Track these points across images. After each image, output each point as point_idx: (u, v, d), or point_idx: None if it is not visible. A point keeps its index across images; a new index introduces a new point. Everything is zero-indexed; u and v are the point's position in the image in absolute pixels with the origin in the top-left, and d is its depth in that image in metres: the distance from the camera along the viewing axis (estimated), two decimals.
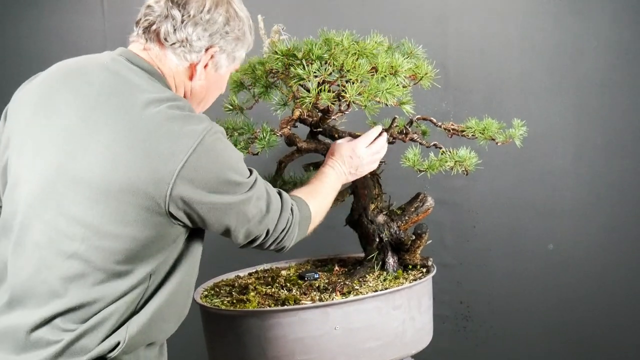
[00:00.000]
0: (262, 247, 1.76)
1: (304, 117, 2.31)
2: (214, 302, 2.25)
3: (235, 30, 1.66)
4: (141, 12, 1.63)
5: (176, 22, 1.58)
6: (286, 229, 1.75)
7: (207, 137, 1.49)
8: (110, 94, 1.51)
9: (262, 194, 1.65)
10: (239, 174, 1.57)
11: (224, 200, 1.54)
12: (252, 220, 1.64)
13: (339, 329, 2.10)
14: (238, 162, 1.58)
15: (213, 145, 1.49)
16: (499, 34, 3.23)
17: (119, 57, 1.61)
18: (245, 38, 1.71)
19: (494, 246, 3.33)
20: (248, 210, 1.61)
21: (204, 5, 1.60)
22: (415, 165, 2.27)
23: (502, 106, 3.21)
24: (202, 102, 1.76)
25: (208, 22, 1.61)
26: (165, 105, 1.49)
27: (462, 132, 2.38)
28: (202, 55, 1.63)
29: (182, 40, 1.60)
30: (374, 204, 2.42)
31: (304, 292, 2.27)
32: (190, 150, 1.45)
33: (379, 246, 2.39)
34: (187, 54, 1.61)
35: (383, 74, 2.11)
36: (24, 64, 3.12)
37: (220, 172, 1.51)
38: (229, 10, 1.65)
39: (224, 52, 1.66)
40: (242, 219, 1.61)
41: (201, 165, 1.46)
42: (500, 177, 3.28)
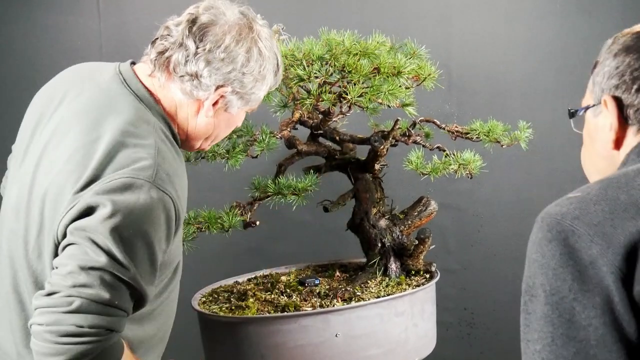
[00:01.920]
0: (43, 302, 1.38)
1: (304, 119, 2.31)
2: (212, 308, 2.25)
3: (255, 72, 1.56)
4: (160, 31, 1.56)
5: (189, 54, 1.50)
6: (87, 329, 1.33)
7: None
8: (87, 111, 1.49)
9: (122, 291, 1.36)
10: (121, 252, 1.33)
11: (86, 225, 1.34)
12: (86, 277, 1.33)
13: (340, 336, 2.10)
14: (136, 239, 1.37)
15: (129, 203, 1.35)
16: (504, 33, 3.24)
17: (117, 75, 1.56)
18: (267, 79, 1.60)
19: (499, 251, 3.32)
20: (91, 262, 1.33)
21: (223, 40, 1.51)
22: (418, 168, 2.27)
23: (507, 108, 3.21)
24: (210, 139, 1.68)
25: (223, 60, 1.51)
26: (124, 146, 1.42)
27: (466, 134, 2.38)
28: (211, 94, 1.54)
29: (191, 74, 1.51)
30: (376, 208, 2.42)
31: (304, 298, 2.27)
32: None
33: (381, 251, 2.39)
34: (194, 89, 1.53)
35: (385, 74, 2.12)
36: (18, 64, 3.13)
37: (111, 226, 1.33)
38: (251, 49, 1.54)
39: (237, 93, 1.57)
40: (82, 259, 1.33)
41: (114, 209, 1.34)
42: (505, 181, 3.28)
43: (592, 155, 1.29)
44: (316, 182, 2.26)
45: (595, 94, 1.25)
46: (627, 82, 1.18)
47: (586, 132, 1.31)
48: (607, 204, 1.04)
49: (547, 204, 1.19)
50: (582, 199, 1.07)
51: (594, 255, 0.99)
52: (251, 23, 1.56)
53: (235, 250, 3.15)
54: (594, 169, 1.31)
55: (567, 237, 1.02)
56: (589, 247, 1.00)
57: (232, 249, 3.11)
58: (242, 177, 2.33)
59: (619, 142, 1.21)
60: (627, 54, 1.20)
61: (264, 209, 2.33)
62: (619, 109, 1.20)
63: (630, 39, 1.21)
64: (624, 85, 1.19)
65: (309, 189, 2.23)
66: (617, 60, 1.21)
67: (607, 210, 1.03)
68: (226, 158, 2.18)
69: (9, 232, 1.53)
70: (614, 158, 1.23)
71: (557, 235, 1.03)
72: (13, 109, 2.82)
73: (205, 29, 1.51)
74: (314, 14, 3.19)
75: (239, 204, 2.26)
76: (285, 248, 3.20)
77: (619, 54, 1.21)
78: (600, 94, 1.23)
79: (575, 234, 1.02)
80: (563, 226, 1.04)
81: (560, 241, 1.03)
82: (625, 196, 1.04)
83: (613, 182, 1.09)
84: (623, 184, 1.07)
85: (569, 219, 1.04)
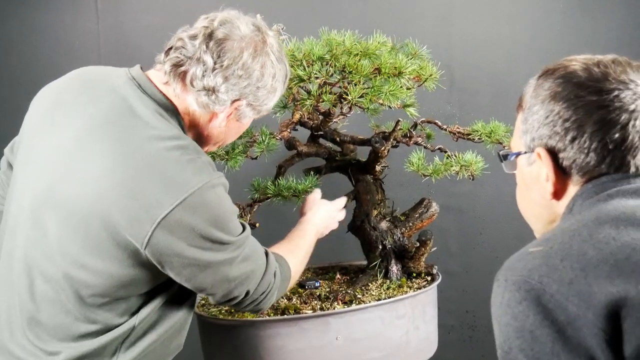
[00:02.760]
0: (239, 306, 1.68)
1: (304, 120, 2.31)
2: (211, 311, 2.25)
3: (268, 85, 1.61)
4: (173, 40, 1.57)
5: (206, 69, 1.52)
6: (266, 293, 1.68)
7: (200, 191, 1.45)
8: (112, 121, 1.50)
9: (248, 255, 1.59)
10: (226, 232, 1.51)
11: (203, 257, 1.49)
12: (233, 282, 1.58)
13: (340, 339, 2.10)
14: (229, 220, 1.53)
15: (204, 200, 1.45)
16: (506, 33, 3.24)
17: (131, 81, 1.57)
18: (278, 90, 1.66)
19: (501, 253, 3.32)
20: (230, 271, 1.56)
21: (241, 57, 1.54)
22: (420, 170, 2.27)
23: (509, 108, 3.18)
24: (218, 144, 1.74)
25: (241, 77, 1.55)
26: (165, 144, 1.46)
27: (468, 135, 2.38)
28: (227, 107, 1.58)
29: (208, 88, 1.54)
30: (377, 210, 2.42)
31: (305, 301, 2.27)
32: (177, 201, 1.42)
33: (382, 253, 2.39)
34: (210, 102, 1.56)
35: (386, 75, 2.12)
36: (15, 65, 3.13)
37: (205, 228, 1.46)
38: (265, 64, 1.59)
39: (251, 105, 1.62)
40: (220, 278, 1.55)
41: (185, 218, 1.43)
42: (507, 182, 3.26)
43: (529, 201, 1.27)
44: (316, 183, 2.26)
45: (526, 142, 1.22)
46: (560, 132, 1.14)
47: (520, 178, 1.28)
48: (575, 259, 1.00)
49: None
50: (546, 254, 1.03)
51: (572, 316, 0.95)
52: (265, 37, 1.60)
53: None
54: (532, 214, 1.29)
55: (538, 296, 0.98)
56: (565, 307, 0.96)
57: None
58: (242, 179, 2.33)
59: (558, 193, 1.19)
60: (555, 102, 1.15)
61: (263, 211, 2.33)
62: (554, 160, 1.17)
63: (557, 85, 1.17)
64: (557, 136, 1.15)
65: (309, 190, 2.23)
66: (545, 109, 1.17)
67: (577, 267, 0.99)
68: (225, 159, 2.18)
69: (26, 239, 1.52)
70: (553, 207, 1.21)
71: (527, 294, 0.99)
72: (11, 109, 2.83)
73: (222, 45, 1.53)
74: (314, 14, 3.20)
75: (239, 205, 2.26)
76: None
77: (547, 102, 1.17)
78: (531, 143, 1.20)
79: (547, 292, 0.98)
80: (532, 284, 0.99)
81: (531, 301, 0.98)
82: (593, 251, 1.00)
83: (575, 234, 1.05)
84: (587, 237, 1.03)
85: (537, 276, 1.00)
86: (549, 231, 1.14)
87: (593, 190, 1.14)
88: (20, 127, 1.68)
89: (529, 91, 1.23)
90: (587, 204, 1.13)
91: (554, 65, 1.21)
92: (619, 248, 1.00)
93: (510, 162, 1.29)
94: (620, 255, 0.99)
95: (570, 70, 1.17)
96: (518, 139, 1.25)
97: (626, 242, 1.01)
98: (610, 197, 1.11)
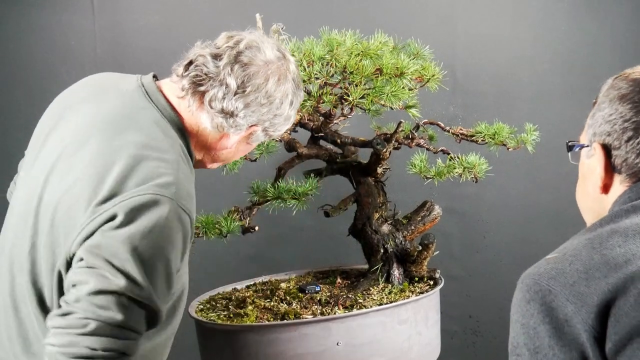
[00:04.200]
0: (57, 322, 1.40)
1: (304, 122, 2.32)
2: (209, 316, 2.25)
3: (285, 113, 1.62)
4: (192, 54, 1.56)
5: (228, 92, 1.53)
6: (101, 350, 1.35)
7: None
8: (108, 122, 1.51)
9: (137, 313, 1.38)
10: (140, 273, 1.35)
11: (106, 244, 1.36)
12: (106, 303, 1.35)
13: (341, 345, 2.10)
14: (159, 258, 1.39)
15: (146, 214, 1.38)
16: (510, 33, 3.24)
17: (140, 88, 1.58)
18: (292, 117, 1.66)
19: (504, 257, 3.33)
20: (112, 287, 1.35)
21: (265, 85, 1.55)
22: (422, 172, 2.28)
23: (513, 110, 3.21)
24: (223, 162, 1.76)
25: (263, 105, 1.56)
26: (147, 152, 1.44)
27: (471, 137, 2.38)
28: (242, 132, 1.59)
29: (227, 112, 1.54)
30: (379, 213, 2.42)
31: (305, 305, 2.27)
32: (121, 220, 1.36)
33: (384, 257, 2.39)
34: (226, 126, 1.56)
35: (388, 75, 2.12)
36: (10, 64, 3.13)
37: (132, 247, 1.35)
38: (286, 93, 1.60)
39: (265, 131, 1.63)
40: (99, 281, 1.35)
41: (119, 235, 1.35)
42: (511, 185, 3.28)
43: (584, 193, 1.36)
44: (317, 186, 2.26)
45: (588, 136, 1.32)
46: (618, 131, 1.24)
47: (580, 169, 1.38)
48: (581, 264, 1.12)
49: (555, 209, 1.23)
50: (558, 260, 1.15)
51: (569, 314, 1.07)
52: (288, 64, 1.61)
53: (234, 256, 3.15)
54: (585, 206, 1.38)
55: (544, 296, 1.10)
56: (565, 306, 1.08)
57: (231, 255, 3.12)
58: (241, 181, 2.33)
59: (606, 187, 1.28)
60: (621, 102, 1.24)
61: (263, 214, 2.33)
62: (607, 156, 1.26)
63: (627, 87, 1.25)
64: (615, 134, 1.24)
65: (309, 193, 2.23)
66: (611, 108, 1.25)
67: (581, 270, 1.10)
68: None
69: (14, 237, 1.54)
70: (603, 202, 1.29)
71: (535, 295, 1.11)
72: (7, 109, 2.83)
73: (247, 70, 1.53)
74: (315, 13, 3.20)
75: (238, 208, 2.26)
76: (285, 254, 3.21)
77: (614, 102, 1.25)
78: (592, 137, 1.30)
79: (551, 293, 1.10)
80: (540, 286, 1.11)
81: (537, 300, 1.11)
82: (598, 256, 1.12)
83: (588, 243, 1.16)
84: (597, 245, 1.14)
85: (546, 279, 1.12)
86: (570, 239, 1.24)
87: (628, 195, 1.23)
88: (17, 126, 1.69)
89: (603, 89, 1.31)
90: (613, 214, 1.22)
91: (632, 69, 1.29)
92: (622, 254, 1.11)
93: (575, 154, 1.39)
94: (620, 259, 1.10)
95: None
96: (585, 134, 1.35)
97: (630, 249, 1.11)
98: (633, 209, 1.20)
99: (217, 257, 3.01)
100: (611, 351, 1.04)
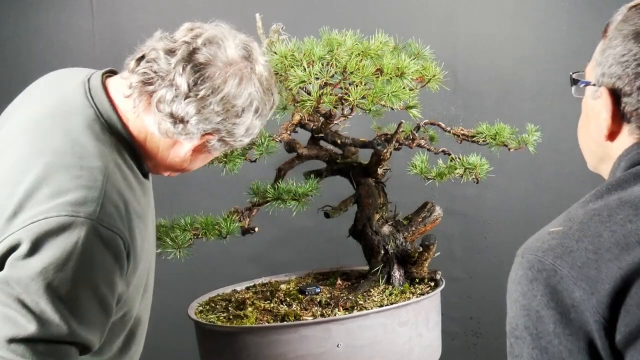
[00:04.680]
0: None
1: (304, 122, 2.32)
2: (209, 317, 2.25)
3: (248, 121, 1.44)
4: (146, 48, 1.42)
5: (178, 94, 1.36)
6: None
7: (47, 222, 1.22)
8: (38, 121, 1.39)
9: (61, 352, 1.25)
10: (57, 311, 1.21)
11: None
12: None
13: (341, 347, 2.09)
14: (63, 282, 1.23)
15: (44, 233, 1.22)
16: (512, 33, 3.24)
17: (84, 85, 1.43)
18: (259, 127, 1.49)
19: (506, 258, 3.31)
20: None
21: (221, 89, 1.37)
22: (423, 173, 2.28)
23: (514, 110, 3.21)
24: (180, 171, 1.57)
25: (217, 112, 1.38)
26: (66, 159, 1.29)
27: (472, 137, 2.38)
28: (194, 140, 1.42)
29: (176, 116, 1.37)
30: (379, 214, 2.42)
31: (305, 307, 2.27)
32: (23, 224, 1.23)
33: (384, 258, 2.39)
34: (175, 132, 1.39)
35: (388, 76, 2.12)
36: (9, 64, 3.13)
37: (46, 281, 1.20)
38: (249, 99, 1.42)
39: (223, 141, 1.46)
40: (10, 328, 1.20)
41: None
42: (513, 185, 3.28)
43: (586, 133, 1.25)
44: (317, 187, 2.26)
45: (596, 75, 1.18)
46: (630, 75, 1.11)
47: (584, 107, 1.26)
48: (590, 241, 1.01)
49: (557, 209, 1.20)
50: (563, 234, 1.04)
51: (577, 300, 0.98)
52: (254, 64, 1.44)
53: (234, 257, 3.15)
54: (587, 147, 1.27)
55: (549, 276, 1.01)
56: (572, 291, 0.98)
57: (230, 256, 3.12)
58: (241, 182, 2.33)
59: (612, 135, 1.16)
60: (635, 41, 1.11)
61: (263, 215, 2.33)
62: (616, 104, 1.14)
63: None
64: (627, 78, 1.11)
65: (309, 194, 2.23)
66: (624, 47, 1.12)
67: (590, 250, 1.00)
68: (224, 162, 2.18)
69: None
70: (607, 148, 1.18)
71: (538, 274, 1.02)
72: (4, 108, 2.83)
73: (202, 70, 1.37)
74: (315, 13, 3.20)
75: (237, 209, 2.26)
76: (285, 255, 3.21)
77: (628, 39, 1.12)
78: (600, 77, 1.16)
79: (557, 274, 1.00)
80: (544, 264, 1.02)
81: (541, 281, 1.01)
82: (608, 233, 1.01)
83: (595, 214, 1.06)
84: (605, 218, 1.04)
85: (551, 257, 1.02)
86: (573, 208, 1.13)
87: (637, 152, 1.12)
88: None
89: (616, 19, 1.18)
90: (620, 179, 1.11)
91: None
92: (634, 231, 1.01)
93: (579, 89, 1.26)
94: (632, 239, 1.00)
95: None
96: (592, 68, 1.22)
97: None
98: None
99: (216, 258, 3.01)
100: (620, 343, 0.96)
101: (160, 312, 2.98)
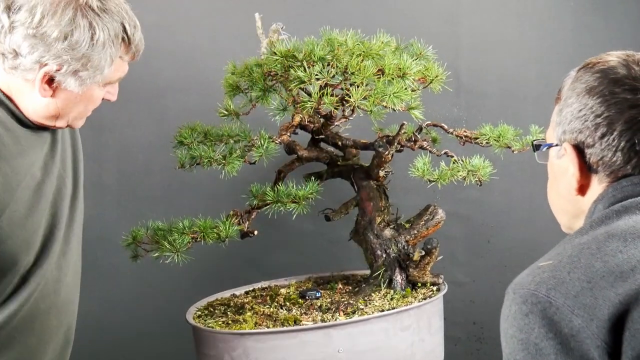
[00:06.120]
0: None
1: (304, 123, 2.32)
2: (207, 322, 2.25)
3: (84, 46, 1.45)
4: None
5: (3, 28, 1.42)
6: None
7: None
8: None
9: None
10: None
11: None
12: None
13: (342, 352, 2.09)
14: None
15: None
16: (515, 33, 3.24)
17: None
18: (106, 49, 1.49)
19: (510, 262, 3.32)
20: None
21: (37, 11, 1.41)
22: (425, 175, 2.27)
23: (518, 111, 3.21)
24: (63, 118, 1.57)
25: (35, 36, 1.42)
26: None
27: (475, 139, 2.38)
28: (35, 73, 1.45)
29: (10, 51, 1.44)
30: (381, 217, 2.42)
31: (305, 312, 2.27)
32: None
33: (386, 262, 2.39)
34: (20, 70, 1.45)
35: (390, 76, 2.12)
36: None
37: None
38: (74, 21, 1.44)
39: (67, 72, 1.47)
40: None
41: None
42: (516, 188, 3.28)
43: (556, 194, 1.30)
44: (317, 189, 2.26)
45: (557, 134, 1.24)
46: (590, 127, 1.16)
47: (550, 169, 1.31)
48: (582, 272, 1.03)
49: None
50: (554, 267, 1.06)
51: (576, 328, 0.99)
52: None
53: (232, 261, 3.14)
54: (558, 207, 1.31)
55: (544, 308, 1.01)
56: (570, 320, 0.99)
57: (229, 260, 3.11)
58: (240, 185, 2.33)
59: (583, 189, 1.21)
60: (590, 96, 1.17)
61: (262, 218, 2.33)
62: (581, 157, 1.19)
63: (594, 79, 1.19)
64: (587, 131, 1.17)
65: (309, 196, 2.23)
66: (580, 103, 1.18)
67: (584, 280, 1.02)
68: (223, 164, 2.18)
69: None
70: (578, 202, 1.23)
71: (533, 307, 1.02)
72: None
73: (15, 1, 1.43)
74: (315, 13, 3.20)
75: (236, 212, 2.26)
76: (285, 259, 3.20)
77: (582, 95, 1.18)
78: (562, 136, 1.22)
79: (553, 305, 1.01)
80: (539, 297, 1.03)
81: (537, 313, 1.02)
82: (600, 263, 1.03)
83: (584, 248, 1.08)
84: (595, 251, 1.06)
85: (544, 289, 1.03)
86: (560, 245, 1.16)
87: (612, 195, 1.16)
88: None
89: (567, 83, 1.25)
90: (603, 215, 1.14)
91: (596, 58, 1.23)
92: (626, 260, 1.03)
93: (543, 153, 1.31)
94: (625, 267, 1.02)
95: (610, 65, 1.19)
96: (552, 131, 1.27)
97: (633, 254, 1.04)
98: (624, 210, 1.13)
99: (215, 262, 3.01)
100: None
101: (157, 317, 2.99)
